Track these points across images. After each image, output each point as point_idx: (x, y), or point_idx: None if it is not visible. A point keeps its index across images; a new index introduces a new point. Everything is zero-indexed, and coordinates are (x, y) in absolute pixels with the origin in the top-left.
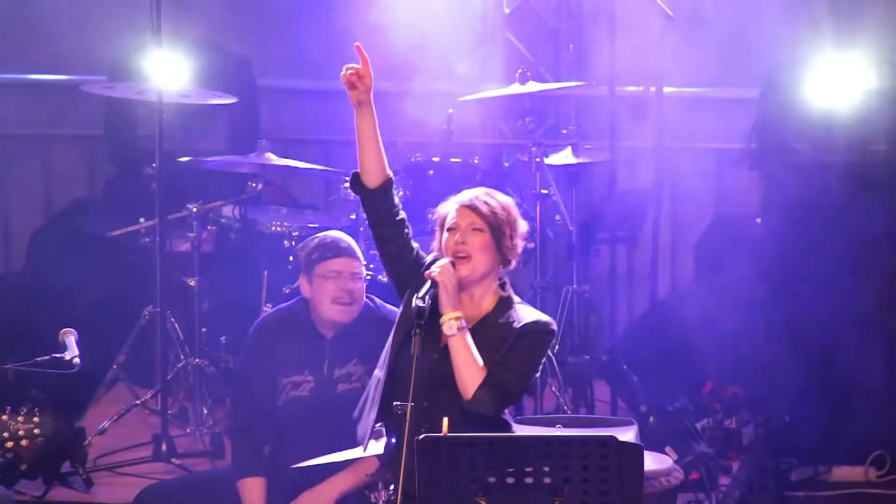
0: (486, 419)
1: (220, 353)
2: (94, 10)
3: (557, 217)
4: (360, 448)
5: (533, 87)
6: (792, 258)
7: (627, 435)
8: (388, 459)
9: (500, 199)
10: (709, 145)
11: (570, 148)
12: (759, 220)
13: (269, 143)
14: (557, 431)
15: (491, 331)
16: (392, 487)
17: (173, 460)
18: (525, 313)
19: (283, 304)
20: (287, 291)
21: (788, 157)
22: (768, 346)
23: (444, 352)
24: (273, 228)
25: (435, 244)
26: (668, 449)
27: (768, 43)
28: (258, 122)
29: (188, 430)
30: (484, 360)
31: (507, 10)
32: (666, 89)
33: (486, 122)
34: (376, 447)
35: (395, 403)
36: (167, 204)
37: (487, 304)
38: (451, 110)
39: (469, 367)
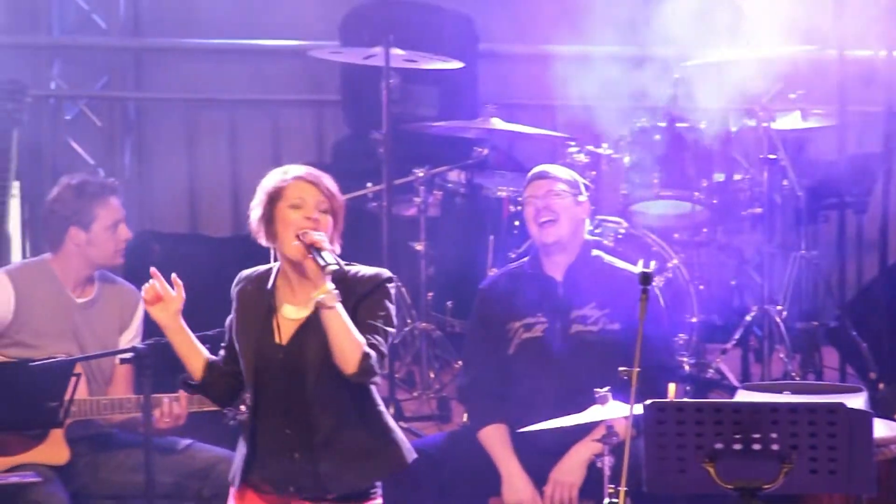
0: (361, 388)
1: (447, 317)
2: None
3: (785, 182)
4: (587, 413)
5: (761, 51)
6: None
7: (856, 402)
8: None
9: (332, 181)
10: None
11: (798, 112)
12: None
13: (494, 107)
14: (785, 398)
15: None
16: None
17: (400, 423)
18: (359, 270)
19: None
20: (513, 256)
21: None
22: None
23: (291, 346)
24: (499, 193)
25: (258, 215)
26: None
27: None
28: (476, 85)
29: (415, 394)
30: None
31: None
32: None
33: (713, 87)
34: (604, 411)
35: (620, 369)
36: (394, 169)
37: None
38: (677, 75)
39: (350, 337)
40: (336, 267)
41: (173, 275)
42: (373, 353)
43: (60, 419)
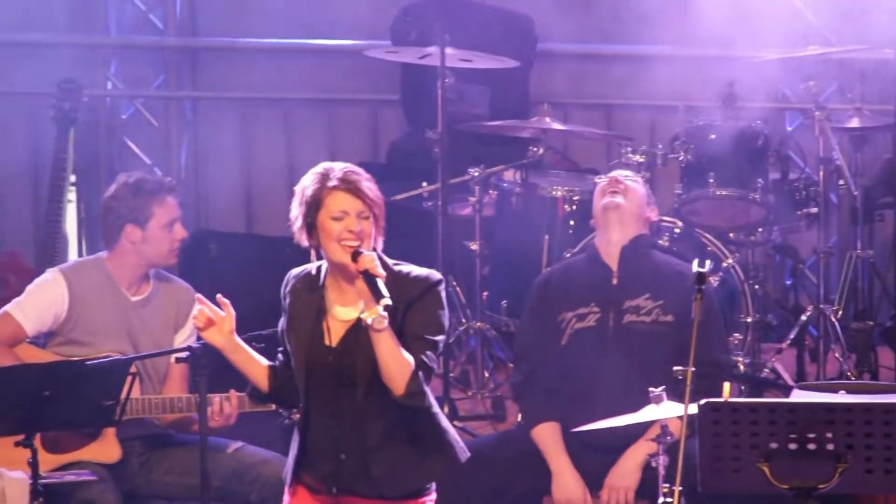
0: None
1: (501, 317)
2: None
3: (841, 181)
4: (642, 412)
5: (817, 50)
6: None
7: None
8: None
9: (371, 181)
10: None
11: (854, 111)
12: None
13: (549, 107)
14: (840, 398)
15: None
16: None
17: (455, 423)
18: (410, 271)
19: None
20: (568, 255)
21: None
22: None
23: (342, 349)
24: (554, 193)
25: (299, 221)
26: None
27: None
28: (528, 84)
29: (469, 394)
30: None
31: None
32: None
33: (768, 86)
34: (658, 411)
35: (675, 368)
36: (449, 168)
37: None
38: (733, 74)
39: (399, 360)
40: (389, 302)
41: (218, 295)
42: (421, 373)
43: (116, 418)
